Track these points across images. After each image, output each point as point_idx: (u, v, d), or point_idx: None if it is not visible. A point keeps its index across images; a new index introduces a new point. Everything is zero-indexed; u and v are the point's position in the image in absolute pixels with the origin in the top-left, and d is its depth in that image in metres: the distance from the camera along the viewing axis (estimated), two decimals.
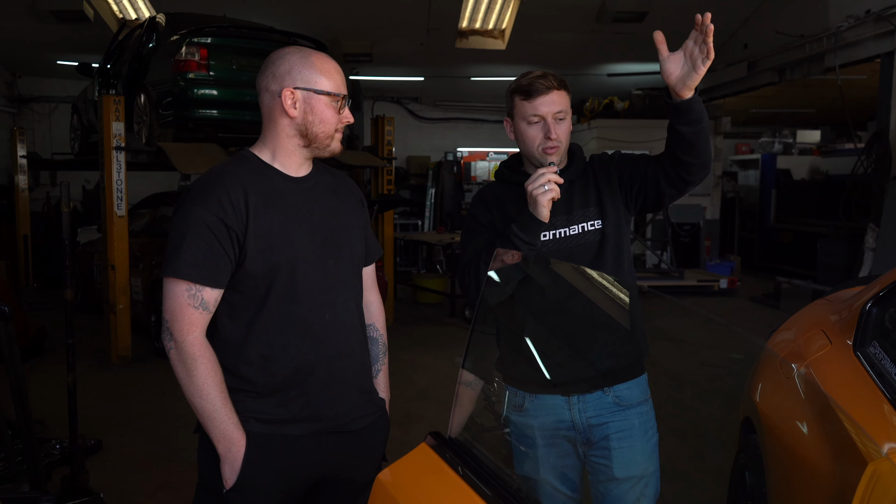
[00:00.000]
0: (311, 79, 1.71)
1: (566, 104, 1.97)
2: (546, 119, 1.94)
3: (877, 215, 7.67)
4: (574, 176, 2.03)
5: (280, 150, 1.77)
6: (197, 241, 1.64)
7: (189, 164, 5.65)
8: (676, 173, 1.91)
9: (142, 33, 6.94)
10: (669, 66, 1.78)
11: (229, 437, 1.66)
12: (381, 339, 1.99)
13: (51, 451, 3.94)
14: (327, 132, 1.74)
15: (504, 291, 1.92)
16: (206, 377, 1.64)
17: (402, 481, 1.53)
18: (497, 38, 10.99)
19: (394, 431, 1.98)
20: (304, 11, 9.66)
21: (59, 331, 4.46)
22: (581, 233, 1.99)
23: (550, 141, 1.95)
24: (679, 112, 1.81)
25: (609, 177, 2.03)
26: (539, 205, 1.87)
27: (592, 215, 2.01)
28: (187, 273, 1.63)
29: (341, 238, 1.81)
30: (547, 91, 1.93)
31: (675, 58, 1.78)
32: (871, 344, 2.26)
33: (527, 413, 2.00)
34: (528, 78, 1.96)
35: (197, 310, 1.64)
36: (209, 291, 1.65)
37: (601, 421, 1.97)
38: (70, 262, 3.51)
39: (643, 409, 2.02)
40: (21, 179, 9.77)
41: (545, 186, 1.87)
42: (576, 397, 1.97)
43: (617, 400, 1.98)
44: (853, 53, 8.29)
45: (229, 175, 1.71)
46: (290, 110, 1.72)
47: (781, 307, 8.32)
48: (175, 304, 1.65)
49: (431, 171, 12.72)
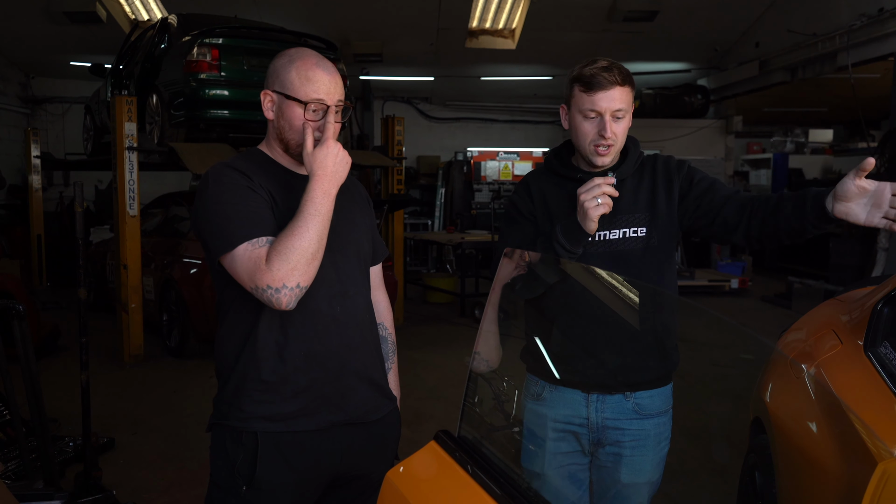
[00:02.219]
0: (286, 83, 1.70)
1: (628, 101, 1.85)
2: (604, 115, 1.83)
3: None
4: (625, 175, 1.92)
5: (275, 149, 1.79)
6: (231, 210, 1.62)
7: (200, 164, 5.68)
8: (759, 239, 1.82)
9: (154, 34, 6.99)
10: (852, 190, 1.61)
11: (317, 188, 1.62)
12: (390, 338, 2.00)
13: (64, 448, 3.97)
14: (298, 139, 1.72)
15: (540, 286, 1.89)
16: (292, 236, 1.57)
17: (412, 479, 1.53)
18: (507, 38, 10.98)
19: (404, 430, 1.99)
20: (315, 12, 9.69)
21: (72, 330, 4.51)
22: (622, 238, 1.90)
23: (604, 139, 1.84)
24: (823, 219, 1.68)
25: (671, 186, 1.92)
26: (588, 218, 1.77)
27: (639, 221, 1.90)
28: (239, 238, 1.60)
29: (348, 235, 1.82)
30: (610, 86, 1.82)
31: (863, 187, 1.61)
32: (882, 344, 2.26)
33: (544, 402, 1.97)
34: (593, 68, 1.84)
35: (265, 246, 1.59)
36: (268, 238, 1.61)
37: (617, 425, 1.93)
38: (83, 262, 3.54)
39: (661, 420, 1.96)
40: (35, 179, 9.86)
41: (598, 200, 1.76)
42: (595, 395, 1.93)
43: (637, 407, 1.93)
44: (866, 52, 8.23)
45: (238, 163, 1.74)
46: (267, 112, 1.74)
47: (793, 307, 8.27)
48: (246, 265, 1.58)
49: (441, 171, 12.73)
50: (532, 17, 10.07)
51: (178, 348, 6.39)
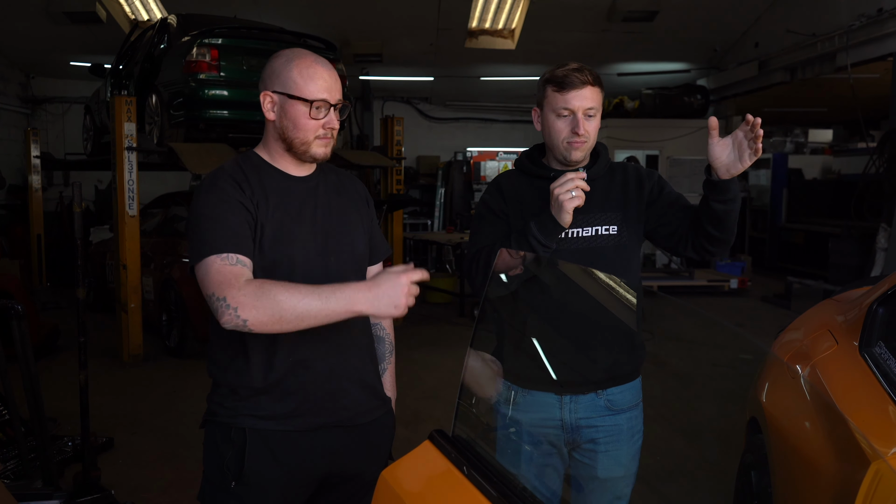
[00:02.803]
0: (287, 83, 1.71)
1: (599, 101, 1.95)
2: (576, 114, 1.91)
3: (889, 215, 7.62)
4: (596, 175, 1.99)
5: (273, 151, 1.79)
6: (214, 223, 1.64)
7: (200, 164, 5.69)
8: (699, 242, 1.95)
9: (153, 34, 7.00)
10: (716, 151, 1.81)
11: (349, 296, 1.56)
12: (387, 338, 2.01)
13: (63, 448, 3.98)
14: (302, 138, 1.73)
15: (508, 287, 1.92)
16: (283, 289, 1.54)
17: (406, 478, 1.54)
18: (507, 38, 10.99)
19: (402, 430, 1.99)
20: (314, 12, 9.70)
21: (71, 329, 4.51)
22: (594, 235, 1.97)
23: (577, 137, 1.92)
24: (716, 189, 1.85)
25: (641, 189, 2.02)
26: (563, 210, 1.84)
27: (611, 220, 1.98)
28: (214, 248, 1.61)
29: (343, 237, 1.83)
30: (581, 85, 1.90)
31: (724, 144, 1.81)
32: (876, 344, 2.26)
33: (517, 407, 2.00)
34: (565, 69, 1.92)
35: (235, 266, 1.60)
36: (240, 257, 1.63)
37: (591, 423, 1.98)
38: (82, 262, 3.55)
39: (633, 414, 2.02)
40: (34, 179, 9.86)
41: (572, 192, 1.83)
42: (568, 397, 1.97)
43: (609, 404, 1.99)
44: (865, 52, 8.24)
45: (235, 171, 1.74)
46: (268, 113, 1.74)
47: (792, 307, 8.27)
48: (215, 278, 1.58)
49: (441, 171, 12.73)
50: (532, 18, 10.08)
51: (178, 348, 6.40)
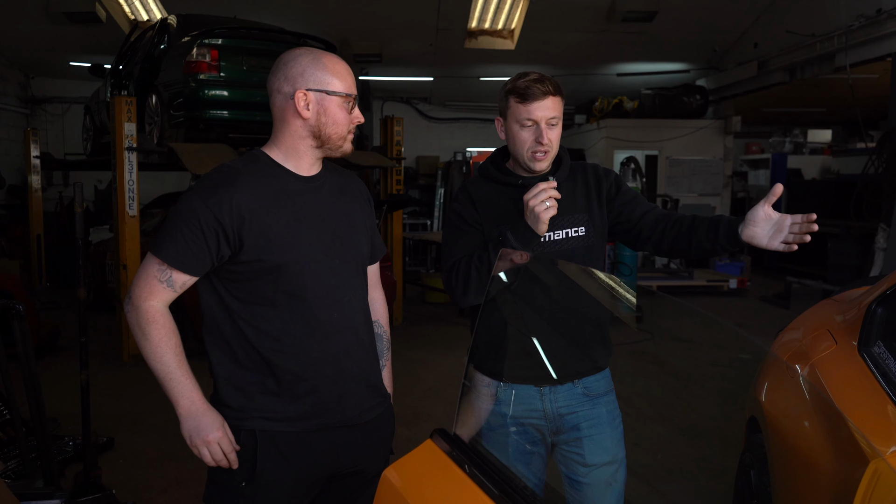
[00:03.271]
0: (323, 80, 1.73)
1: (560, 110, 2.01)
2: (539, 124, 1.97)
3: (888, 215, 7.63)
4: (560, 179, 2.06)
5: (292, 150, 1.79)
6: (185, 230, 1.69)
7: (200, 164, 5.69)
8: (663, 246, 2.03)
9: (153, 35, 7.00)
10: (759, 218, 1.84)
11: (189, 396, 1.72)
12: (384, 335, 2.03)
13: (64, 448, 3.98)
14: (340, 133, 1.77)
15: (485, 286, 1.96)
16: (159, 340, 1.71)
17: (408, 477, 1.55)
18: (506, 38, 11.00)
19: (402, 430, 2.01)
20: (314, 12, 9.71)
21: (72, 329, 4.51)
22: (565, 238, 2.05)
23: (541, 146, 1.98)
24: (730, 241, 1.91)
25: (600, 188, 2.10)
26: (540, 221, 1.90)
27: (578, 222, 2.06)
28: (165, 255, 1.70)
29: (348, 238, 1.84)
30: (543, 96, 1.96)
31: (769, 217, 1.84)
32: (875, 344, 2.27)
33: (499, 402, 2.06)
34: (526, 81, 1.98)
35: (162, 284, 1.72)
36: (179, 274, 1.72)
37: (571, 410, 2.05)
38: (83, 262, 3.54)
39: (609, 399, 2.10)
40: (34, 180, 9.87)
41: (547, 203, 1.89)
42: (548, 388, 2.04)
43: (586, 391, 2.06)
44: (864, 52, 8.25)
45: (237, 173, 1.74)
46: (303, 112, 1.74)
47: (791, 307, 8.29)
48: (143, 272, 1.73)
49: (441, 171, 12.74)
50: (531, 18, 10.08)
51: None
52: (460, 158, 12.46)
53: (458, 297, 2.02)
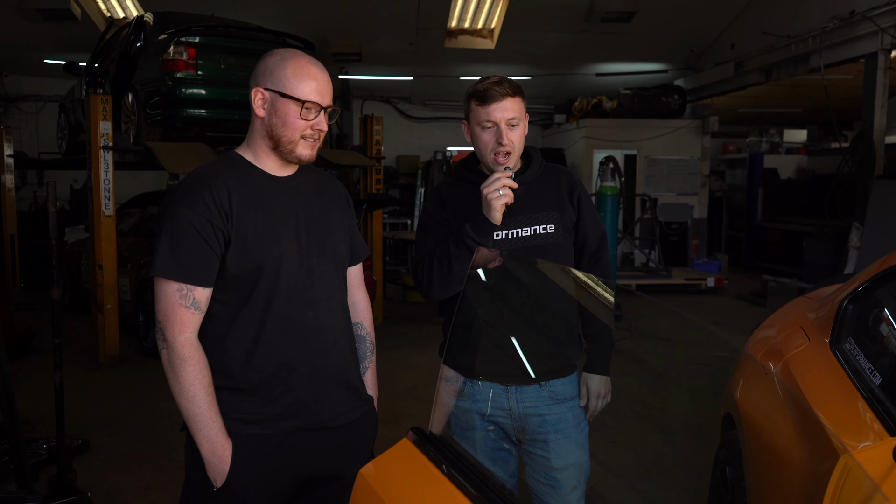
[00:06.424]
0: (281, 81, 1.71)
1: (520, 111, 2.03)
2: (499, 125, 2.00)
3: (861, 214, 7.76)
4: (531, 178, 2.10)
5: (259, 150, 1.78)
6: (185, 241, 1.65)
7: (177, 163, 5.65)
8: None
9: (129, 32, 6.92)
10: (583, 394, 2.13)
11: (213, 441, 1.67)
12: (368, 337, 2.01)
13: (38, 450, 3.93)
14: (290, 137, 1.73)
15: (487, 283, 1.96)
16: (193, 379, 1.65)
17: (384, 476, 1.55)
18: (486, 38, 11.01)
19: (382, 429, 2.00)
20: (293, 11, 9.66)
21: (46, 330, 4.46)
22: (532, 235, 2.07)
23: (502, 146, 2.01)
24: None
25: (573, 193, 2.14)
26: (493, 209, 1.94)
27: (548, 219, 2.09)
28: (178, 274, 1.65)
29: (325, 237, 1.83)
30: (501, 98, 1.99)
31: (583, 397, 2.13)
32: (847, 340, 2.31)
33: (465, 398, 2.08)
34: (485, 84, 2.02)
35: (189, 310, 1.66)
36: (200, 291, 1.67)
37: (537, 412, 2.07)
38: (57, 262, 3.51)
39: (575, 404, 2.13)
40: (8, 179, 9.72)
41: (500, 191, 1.93)
42: (514, 388, 2.06)
43: (552, 394, 2.08)
44: (838, 54, 8.37)
45: (213, 175, 1.73)
46: (257, 110, 1.74)
47: (768, 305, 8.39)
48: (167, 304, 1.66)
49: (421, 171, 12.73)
50: (511, 18, 10.11)
51: (155, 349, 6.33)
52: (440, 158, 12.46)
53: (425, 290, 2.07)
